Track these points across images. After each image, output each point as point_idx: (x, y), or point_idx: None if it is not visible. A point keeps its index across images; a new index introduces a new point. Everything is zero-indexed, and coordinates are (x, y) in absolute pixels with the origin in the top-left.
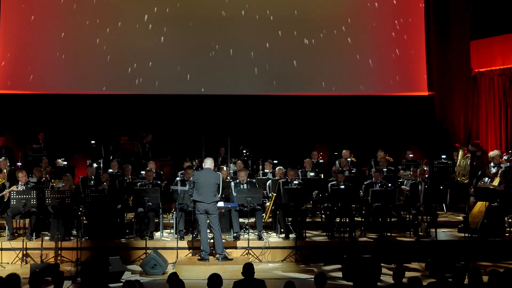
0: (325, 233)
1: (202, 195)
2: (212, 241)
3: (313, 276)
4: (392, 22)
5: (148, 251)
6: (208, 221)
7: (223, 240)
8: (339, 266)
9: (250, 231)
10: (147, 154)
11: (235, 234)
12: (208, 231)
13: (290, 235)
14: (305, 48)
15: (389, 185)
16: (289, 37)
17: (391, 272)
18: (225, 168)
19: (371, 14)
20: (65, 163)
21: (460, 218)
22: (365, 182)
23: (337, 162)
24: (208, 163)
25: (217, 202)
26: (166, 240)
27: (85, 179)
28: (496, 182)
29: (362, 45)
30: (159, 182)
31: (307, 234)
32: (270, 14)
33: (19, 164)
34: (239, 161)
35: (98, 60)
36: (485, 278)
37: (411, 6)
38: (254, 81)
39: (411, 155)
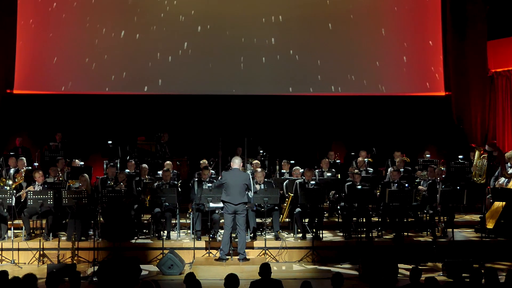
0: (342, 233)
1: (230, 195)
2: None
3: (330, 277)
4: (409, 22)
5: (165, 251)
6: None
7: None
8: (356, 266)
9: (268, 231)
10: (165, 154)
11: (251, 234)
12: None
13: (307, 235)
14: (323, 48)
15: (406, 185)
16: (307, 37)
17: (408, 272)
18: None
19: (389, 15)
20: (82, 163)
21: (477, 218)
22: (382, 182)
23: (354, 162)
24: (236, 163)
25: (245, 203)
26: (183, 240)
27: (104, 179)
28: None
29: (379, 45)
30: (176, 182)
31: (324, 234)
32: (287, 14)
33: (36, 164)
34: (256, 161)
35: (116, 60)
36: (502, 278)
37: (428, 7)
38: (272, 81)
39: (428, 155)
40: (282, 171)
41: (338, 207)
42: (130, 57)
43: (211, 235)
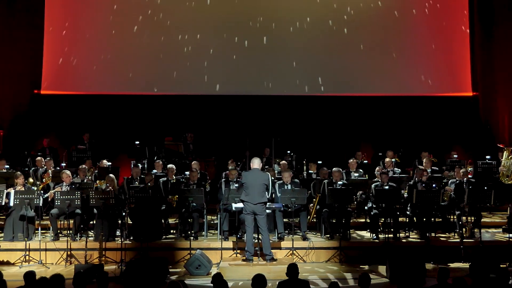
0: (369, 234)
1: (249, 195)
2: (256, 241)
3: (357, 277)
4: (437, 23)
5: (193, 251)
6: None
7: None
8: (384, 266)
9: (295, 231)
10: (191, 154)
11: (279, 235)
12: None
13: (334, 236)
14: (351, 49)
15: (433, 185)
16: (335, 38)
17: (435, 273)
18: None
19: (416, 17)
20: (110, 163)
21: (505, 218)
22: (409, 183)
23: (381, 162)
24: (256, 163)
25: (265, 203)
26: (210, 241)
27: (130, 179)
28: None
29: (407, 46)
30: (203, 182)
31: (351, 235)
32: (315, 15)
33: (63, 164)
34: (284, 161)
35: (144, 61)
36: None
37: (456, 7)
38: (299, 82)
39: (455, 156)
40: (310, 171)
41: (366, 207)
42: (157, 57)
43: (238, 235)
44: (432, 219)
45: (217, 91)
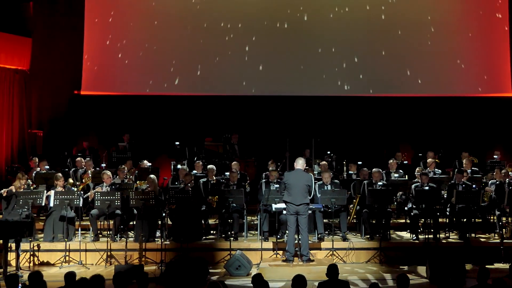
0: (409, 234)
1: (292, 196)
2: (296, 242)
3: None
4: (477, 23)
5: (233, 252)
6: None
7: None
8: (424, 267)
9: (335, 232)
10: (234, 155)
11: (319, 235)
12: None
13: (374, 236)
14: (390, 50)
15: (474, 186)
16: (376, 38)
17: (475, 274)
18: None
19: (456, 17)
20: (150, 164)
21: None
22: (449, 183)
23: (421, 163)
24: (300, 163)
25: (307, 204)
26: (250, 241)
27: (175, 180)
28: None
29: (447, 47)
30: (243, 183)
31: (391, 235)
32: (356, 15)
33: (103, 165)
34: (324, 162)
35: (184, 62)
36: None
37: (496, 7)
38: (339, 82)
39: (495, 156)
40: (350, 172)
41: (406, 208)
42: (197, 58)
43: (278, 236)
44: (472, 219)
45: (257, 92)
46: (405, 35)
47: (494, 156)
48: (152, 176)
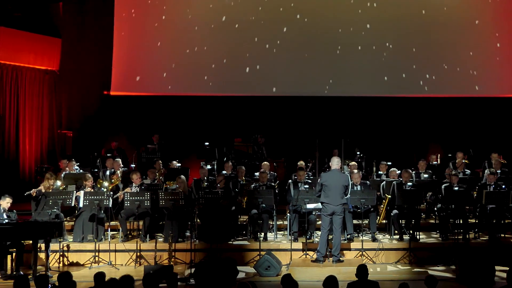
0: (438, 235)
1: (330, 197)
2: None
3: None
4: (502, 24)
5: (262, 252)
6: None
7: None
8: (453, 267)
9: (365, 232)
10: (261, 155)
11: (348, 236)
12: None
13: (404, 237)
14: (419, 50)
15: (503, 186)
16: (404, 39)
17: (505, 274)
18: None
19: (487, 19)
20: (179, 164)
21: None
22: (479, 184)
23: (450, 163)
24: (335, 162)
25: (344, 204)
26: (280, 242)
27: (198, 181)
28: None
29: (476, 48)
30: (273, 183)
31: (420, 236)
32: (383, 15)
33: (132, 165)
34: (353, 162)
35: (212, 62)
36: None
37: None
38: (369, 83)
39: None
40: (379, 172)
41: (435, 208)
42: (226, 59)
43: (307, 236)
44: (502, 220)
45: (286, 93)
46: (433, 36)
47: None
48: (182, 176)
